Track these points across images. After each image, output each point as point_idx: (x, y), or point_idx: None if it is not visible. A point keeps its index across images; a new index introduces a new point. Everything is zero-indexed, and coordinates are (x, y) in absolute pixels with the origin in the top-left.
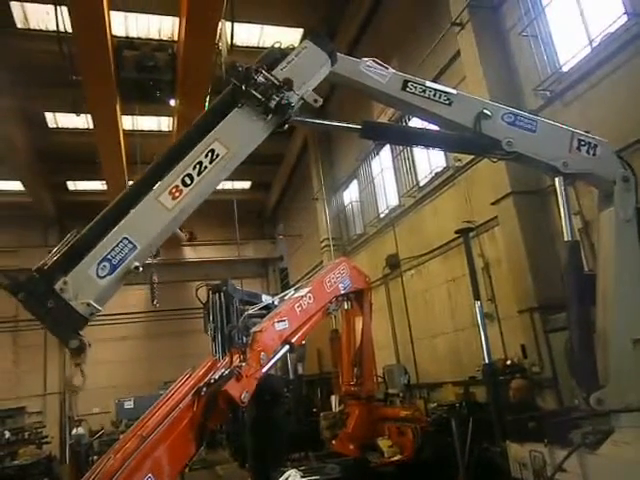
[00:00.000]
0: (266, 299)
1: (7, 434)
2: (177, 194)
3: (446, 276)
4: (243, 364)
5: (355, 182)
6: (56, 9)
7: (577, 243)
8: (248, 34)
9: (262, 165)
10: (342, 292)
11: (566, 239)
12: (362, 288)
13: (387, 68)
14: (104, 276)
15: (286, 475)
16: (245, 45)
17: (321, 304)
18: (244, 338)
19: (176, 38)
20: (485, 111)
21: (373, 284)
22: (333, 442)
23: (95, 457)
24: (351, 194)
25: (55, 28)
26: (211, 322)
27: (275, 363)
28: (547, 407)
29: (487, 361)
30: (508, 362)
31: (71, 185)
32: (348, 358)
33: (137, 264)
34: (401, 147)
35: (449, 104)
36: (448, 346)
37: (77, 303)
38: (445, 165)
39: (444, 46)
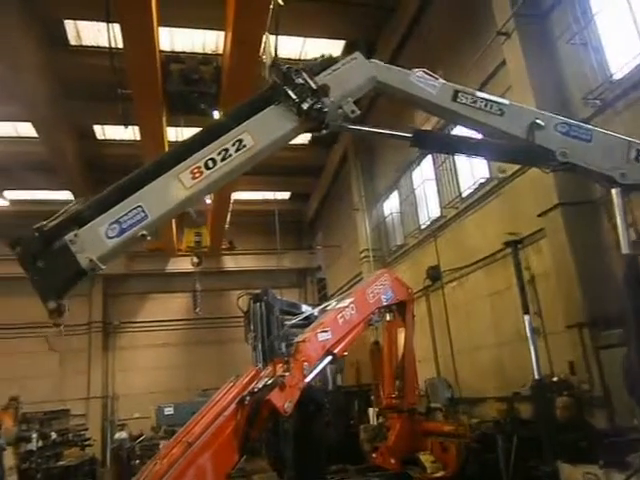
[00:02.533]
0: (306, 309)
1: (53, 435)
2: (197, 175)
3: (489, 289)
4: (286, 374)
5: (395, 193)
6: (108, 26)
7: (636, 257)
8: (291, 47)
9: (302, 176)
10: (384, 304)
11: (624, 252)
12: (404, 300)
13: (437, 79)
14: (112, 237)
15: None
16: (287, 57)
17: (363, 315)
18: (286, 348)
19: (220, 51)
20: (538, 121)
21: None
22: (373, 455)
23: (137, 461)
24: (391, 205)
25: (106, 44)
26: (252, 331)
27: (318, 373)
28: (597, 427)
29: (538, 377)
30: (555, 379)
31: None
32: (390, 370)
33: (144, 232)
34: (443, 158)
35: (501, 114)
36: (490, 360)
37: (82, 256)
38: (489, 176)
39: (488, 56)
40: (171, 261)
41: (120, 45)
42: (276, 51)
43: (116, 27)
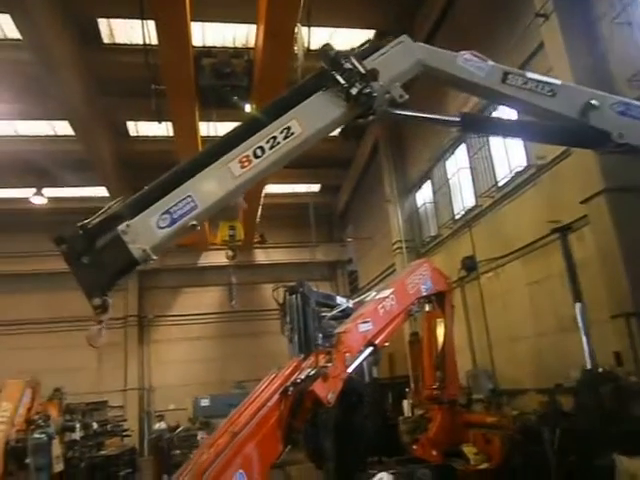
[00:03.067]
0: (341, 301)
1: (95, 425)
2: (246, 164)
3: (527, 278)
4: (329, 365)
5: (428, 183)
6: (143, 23)
7: None
8: (320, 38)
9: (332, 168)
10: (424, 294)
11: None
12: (443, 290)
13: (486, 60)
14: (163, 227)
15: (377, 478)
16: (316, 49)
17: (403, 306)
18: (324, 339)
19: (250, 45)
20: (592, 101)
21: None
22: (414, 447)
23: (177, 451)
24: (424, 195)
25: (139, 42)
26: (288, 323)
27: (359, 364)
28: None
29: (590, 367)
30: (600, 370)
31: None
32: (430, 361)
33: (195, 223)
34: (479, 146)
35: (552, 95)
36: (529, 351)
37: (134, 247)
38: (526, 163)
39: (526, 39)
40: (203, 255)
41: (153, 42)
42: (309, 42)
43: (150, 24)
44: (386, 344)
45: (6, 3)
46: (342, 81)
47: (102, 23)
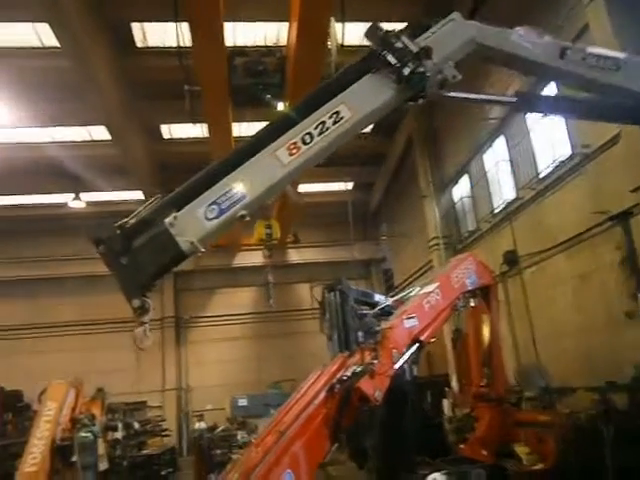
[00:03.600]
0: (379, 298)
1: (136, 425)
2: (295, 151)
3: (572, 272)
4: (375, 361)
5: (466, 177)
6: (177, 25)
7: None
8: (354, 33)
9: (364, 165)
10: (469, 288)
11: None
12: (488, 284)
13: (542, 36)
14: (211, 219)
15: (430, 478)
16: (349, 44)
17: (449, 300)
18: (365, 337)
19: (281, 43)
20: None
21: None
22: (461, 446)
23: (218, 451)
24: (461, 190)
25: (171, 44)
26: (327, 321)
27: (406, 361)
28: None
29: None
30: None
31: None
32: (476, 358)
33: (244, 213)
34: (520, 137)
35: (616, 69)
36: (577, 347)
37: (182, 239)
38: (570, 153)
39: (569, 20)
40: (237, 256)
41: (186, 43)
42: (343, 38)
43: (183, 26)
44: (432, 340)
45: (45, 12)
46: (393, 61)
47: (135, 27)
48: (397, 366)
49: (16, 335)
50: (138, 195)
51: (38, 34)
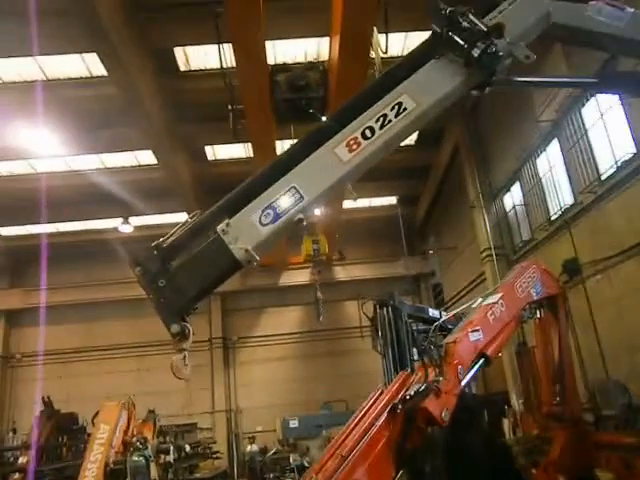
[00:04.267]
0: (433, 313)
1: (187, 447)
2: (355, 147)
3: None
4: (440, 379)
5: (517, 185)
6: (219, 47)
7: None
8: (396, 44)
9: (409, 178)
10: (535, 298)
11: None
12: (555, 293)
13: (623, 8)
14: (266, 224)
15: None
16: (392, 55)
17: (514, 312)
18: (420, 354)
19: (321, 58)
20: None
21: None
22: (533, 471)
23: (271, 475)
24: (513, 198)
25: (213, 66)
26: (380, 338)
27: (472, 378)
28: None
29: None
30: None
31: None
32: (547, 374)
33: (301, 216)
34: (576, 139)
35: None
36: None
37: (235, 247)
38: (635, 151)
39: None
40: (283, 275)
41: (227, 64)
42: (386, 50)
43: (224, 47)
44: (500, 354)
45: (93, 42)
46: (462, 42)
47: (178, 52)
48: (464, 383)
49: (70, 359)
50: (184, 217)
51: (86, 64)
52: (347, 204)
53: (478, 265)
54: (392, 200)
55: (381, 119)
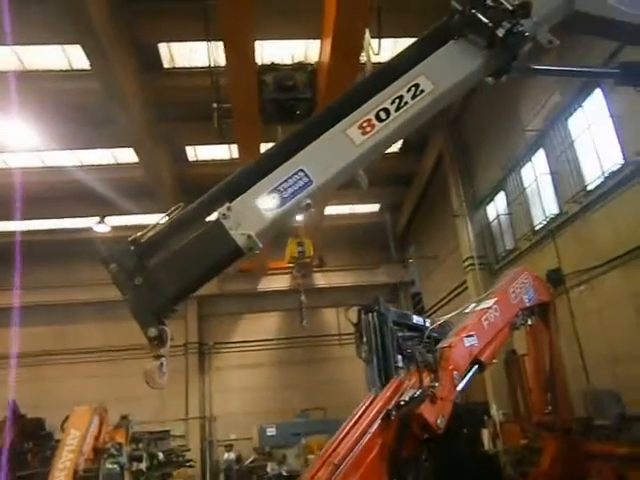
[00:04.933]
0: (417, 320)
1: (160, 455)
2: (368, 129)
3: (630, 290)
4: (436, 384)
5: (502, 194)
6: (208, 45)
7: None
8: (387, 49)
9: (391, 186)
10: (527, 305)
11: None
12: (546, 301)
13: None
14: (271, 209)
15: None
16: (383, 60)
17: (508, 317)
18: (404, 361)
19: (308, 61)
20: None
21: None
22: None
23: None
24: (497, 207)
25: (198, 64)
26: (364, 344)
27: (467, 385)
28: None
29: None
30: None
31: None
32: (538, 382)
33: (309, 201)
34: (563, 148)
35: None
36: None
37: (237, 233)
38: (623, 162)
39: None
40: (262, 280)
41: (214, 63)
42: (379, 51)
43: (211, 45)
44: (494, 361)
45: (77, 34)
46: (485, 20)
47: (163, 48)
48: (459, 389)
49: (39, 362)
50: (164, 219)
51: (67, 56)
52: (328, 210)
53: (459, 274)
54: (374, 208)
55: (397, 101)
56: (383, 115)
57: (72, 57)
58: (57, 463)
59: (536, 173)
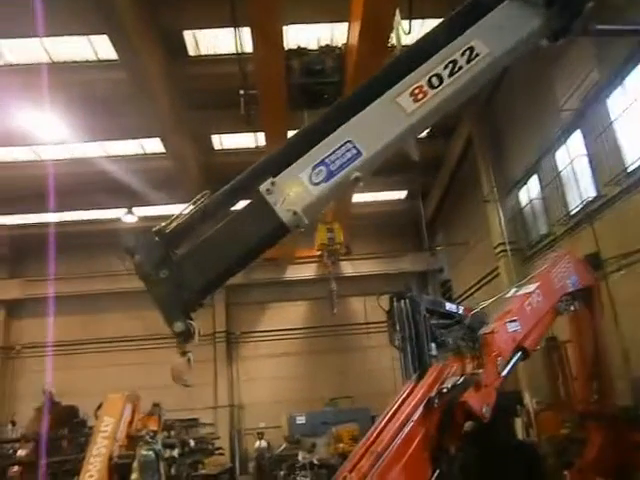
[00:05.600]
0: (450, 307)
1: (192, 442)
2: (420, 96)
3: None
4: (480, 371)
5: (535, 178)
6: (235, 31)
7: None
8: (417, 31)
9: (418, 173)
10: (570, 290)
11: None
12: (590, 285)
13: None
14: (318, 183)
15: None
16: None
17: (551, 302)
18: (437, 349)
19: (335, 44)
20: None
21: None
22: (565, 472)
23: (281, 472)
24: (530, 192)
25: (223, 52)
26: (397, 332)
27: (511, 371)
28: None
29: None
30: None
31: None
32: (583, 370)
33: (358, 175)
34: (601, 129)
35: None
36: None
37: (282, 209)
38: None
39: None
40: (289, 269)
41: (240, 49)
42: (410, 32)
43: (238, 31)
44: (538, 348)
45: (103, 24)
46: None
47: (188, 35)
48: (504, 376)
49: (72, 350)
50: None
51: (93, 47)
52: (354, 198)
53: (490, 261)
54: (401, 195)
55: (450, 65)
56: (436, 81)
57: (98, 48)
58: (92, 449)
59: (572, 155)
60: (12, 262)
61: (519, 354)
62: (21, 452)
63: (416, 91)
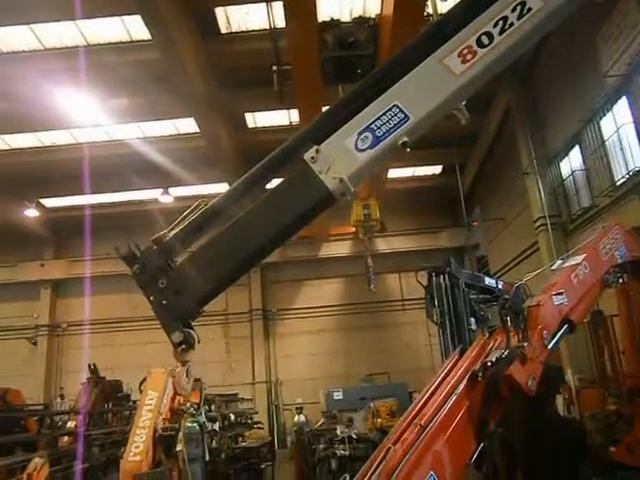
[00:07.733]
0: (489, 282)
1: (232, 416)
2: (469, 56)
3: None
4: (525, 344)
5: (577, 149)
6: (268, 6)
7: None
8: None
9: (454, 147)
10: (619, 261)
11: None
12: None
13: None
14: (364, 149)
15: None
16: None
17: (599, 274)
18: (477, 324)
19: (369, 15)
20: None
21: None
22: (612, 449)
23: (321, 446)
24: (572, 163)
25: (254, 27)
26: (436, 307)
27: (557, 344)
28: None
29: None
30: None
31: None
32: (632, 345)
33: (406, 139)
34: None
35: None
36: None
37: (327, 177)
38: None
39: None
40: (323, 246)
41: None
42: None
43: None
44: (585, 321)
45: (137, 3)
46: None
47: (219, 12)
48: (550, 349)
49: (114, 328)
50: (225, 187)
51: (126, 27)
52: (390, 173)
53: (529, 236)
54: (436, 170)
55: (500, 22)
56: (485, 40)
57: (131, 28)
58: (138, 422)
59: (618, 124)
60: (56, 243)
61: (565, 327)
62: (70, 424)
63: (464, 51)
